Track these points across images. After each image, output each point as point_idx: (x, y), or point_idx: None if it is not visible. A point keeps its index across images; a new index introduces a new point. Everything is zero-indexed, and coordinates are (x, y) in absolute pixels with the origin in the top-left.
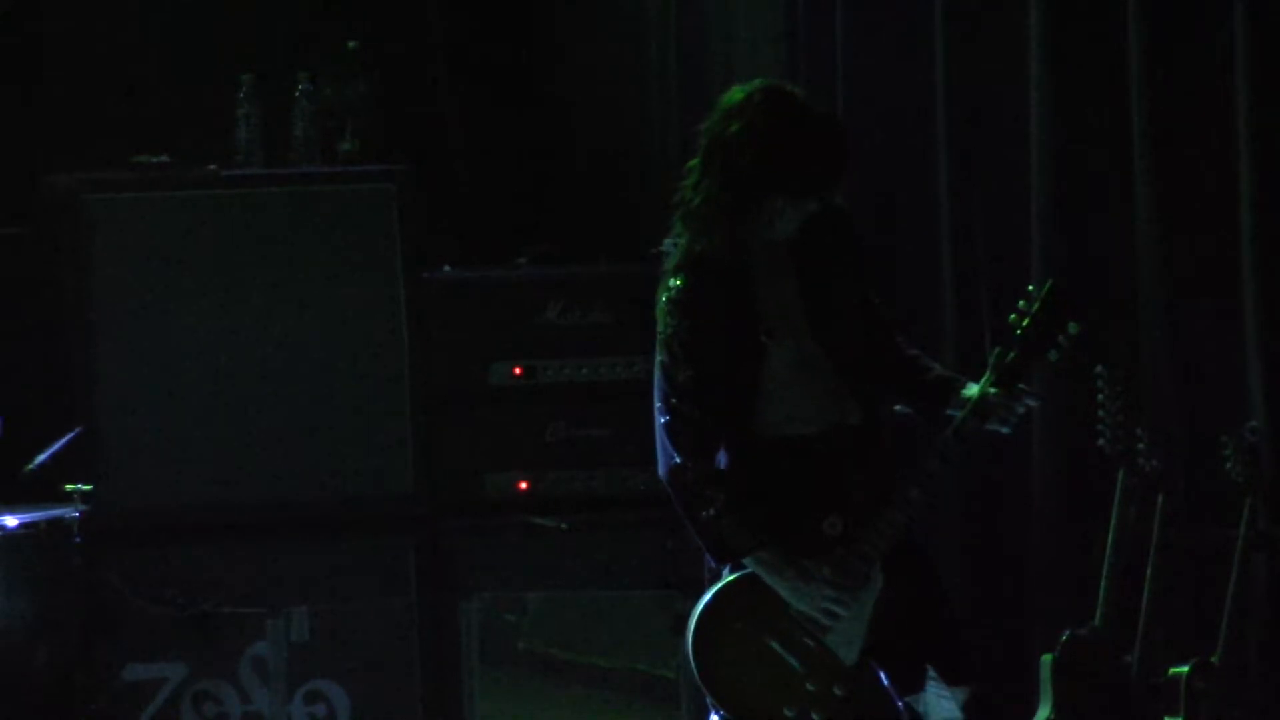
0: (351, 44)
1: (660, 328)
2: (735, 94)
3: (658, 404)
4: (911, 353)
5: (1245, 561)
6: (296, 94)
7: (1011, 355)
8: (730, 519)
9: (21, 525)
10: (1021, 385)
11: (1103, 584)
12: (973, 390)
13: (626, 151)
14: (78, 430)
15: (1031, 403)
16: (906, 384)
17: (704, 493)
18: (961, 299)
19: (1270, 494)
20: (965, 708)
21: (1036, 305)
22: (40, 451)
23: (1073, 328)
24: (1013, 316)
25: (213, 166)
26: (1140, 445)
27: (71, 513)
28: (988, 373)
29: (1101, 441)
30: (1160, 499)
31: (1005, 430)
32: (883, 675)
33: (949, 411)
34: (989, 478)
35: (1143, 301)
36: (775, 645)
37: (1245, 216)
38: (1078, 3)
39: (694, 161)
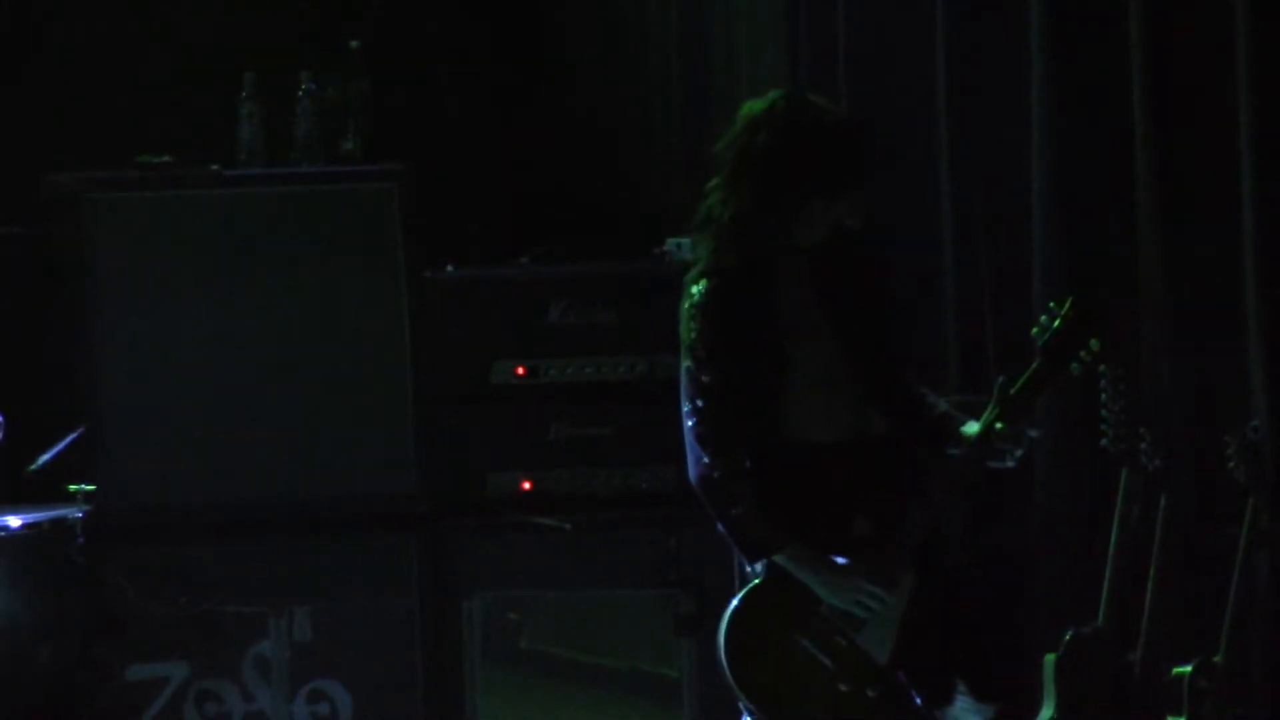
0: (354, 43)
1: (684, 333)
2: (755, 106)
3: (685, 408)
4: (920, 390)
5: (1248, 561)
6: (299, 93)
7: (1016, 387)
8: (761, 515)
9: (24, 525)
10: (1025, 416)
11: (1105, 583)
12: (972, 429)
13: (628, 150)
14: (80, 430)
15: (1034, 434)
16: (911, 419)
17: (732, 490)
18: (962, 294)
19: (1273, 493)
20: None
21: (1060, 320)
22: (43, 451)
23: (1094, 344)
24: (1035, 330)
25: (215, 166)
26: (1143, 444)
27: (74, 513)
28: (991, 404)
29: (1104, 441)
30: (1163, 498)
31: (1011, 464)
32: (911, 689)
33: (949, 450)
34: (991, 476)
35: (1145, 299)
36: (807, 645)
37: (1247, 213)
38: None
39: (716, 180)
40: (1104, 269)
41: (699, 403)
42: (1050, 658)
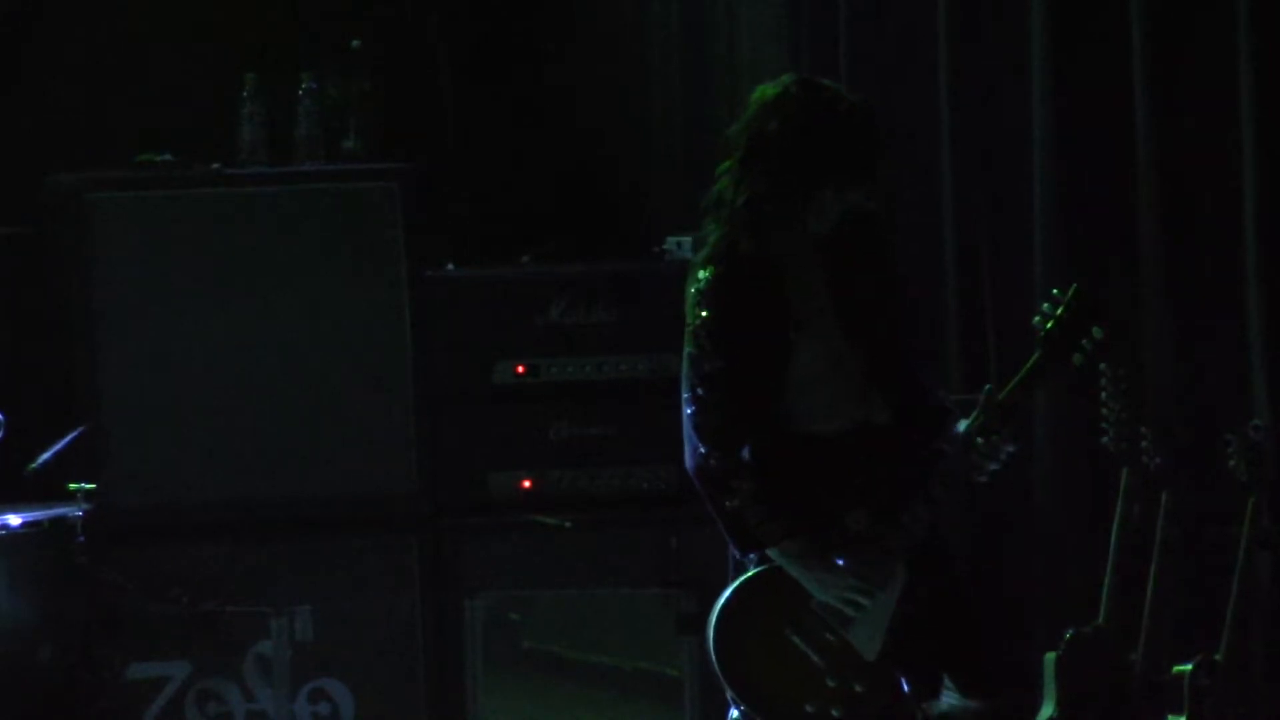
0: (354, 43)
1: (689, 319)
2: (768, 90)
3: (684, 395)
4: (924, 380)
5: (1249, 559)
6: (300, 93)
7: (1003, 393)
8: (756, 509)
9: (25, 524)
10: (998, 435)
11: (1106, 582)
12: (963, 426)
13: (629, 150)
14: (81, 429)
15: (1011, 449)
16: (915, 409)
17: (729, 482)
18: (965, 297)
19: (1274, 492)
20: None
21: (1061, 309)
22: (43, 450)
23: (1097, 331)
24: (1037, 319)
25: (216, 165)
26: (1144, 443)
27: (75, 511)
28: (975, 413)
29: (1105, 439)
30: (1164, 497)
31: (985, 479)
32: (903, 682)
33: (941, 446)
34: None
35: (1147, 298)
36: (797, 640)
37: (1249, 213)
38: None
39: (728, 163)
40: (1106, 266)
41: (699, 391)
42: (1050, 656)
